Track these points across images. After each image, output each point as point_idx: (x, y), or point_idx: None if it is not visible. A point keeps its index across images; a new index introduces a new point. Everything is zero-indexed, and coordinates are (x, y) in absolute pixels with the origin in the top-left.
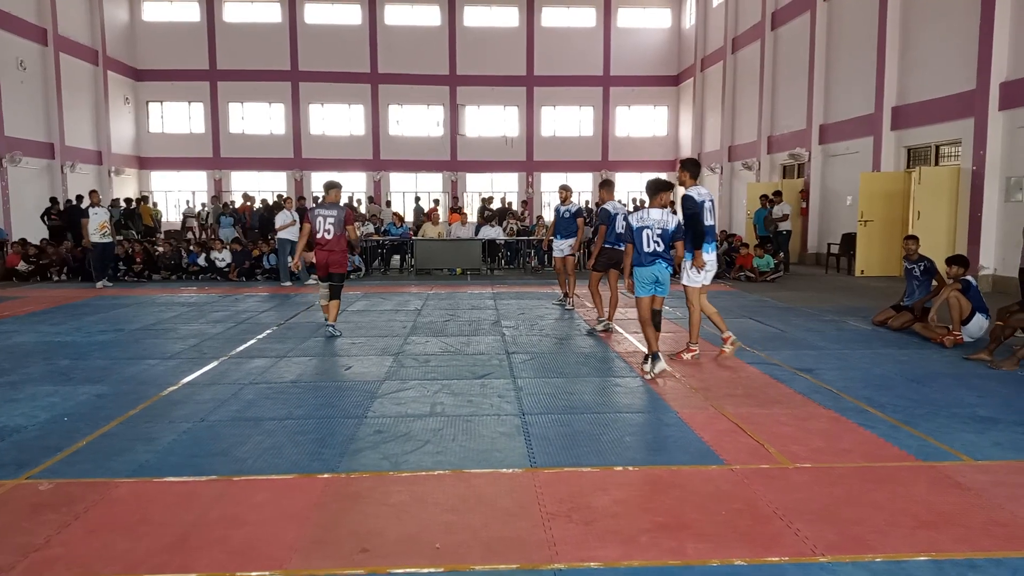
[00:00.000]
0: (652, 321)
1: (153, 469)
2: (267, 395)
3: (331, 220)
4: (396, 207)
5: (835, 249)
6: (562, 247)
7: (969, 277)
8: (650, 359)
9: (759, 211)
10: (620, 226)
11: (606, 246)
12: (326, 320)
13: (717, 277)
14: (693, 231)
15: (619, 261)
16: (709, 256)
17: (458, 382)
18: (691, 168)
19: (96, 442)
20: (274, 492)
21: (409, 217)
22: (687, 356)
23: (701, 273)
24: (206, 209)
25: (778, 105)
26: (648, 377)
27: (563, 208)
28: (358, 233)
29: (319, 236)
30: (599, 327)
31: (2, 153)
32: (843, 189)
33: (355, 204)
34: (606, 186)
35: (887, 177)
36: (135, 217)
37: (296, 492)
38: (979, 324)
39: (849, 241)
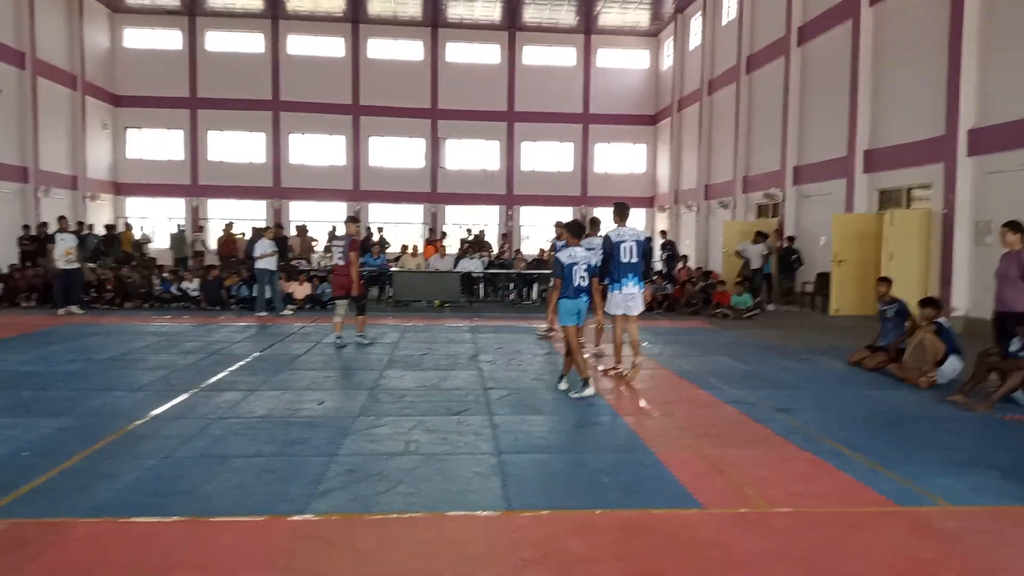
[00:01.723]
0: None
1: (114, 508)
2: (236, 431)
3: (340, 249)
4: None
5: (810, 288)
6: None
7: (942, 319)
8: (582, 384)
9: (751, 246)
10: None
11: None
12: (338, 338)
13: (694, 314)
14: (604, 266)
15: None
16: (629, 290)
17: (434, 418)
18: (619, 212)
19: (55, 479)
20: (239, 534)
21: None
22: (612, 373)
23: (618, 305)
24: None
25: (753, 146)
26: (573, 395)
27: (560, 244)
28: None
29: (335, 263)
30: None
31: None
32: (817, 229)
33: (382, 235)
34: (593, 224)
35: (860, 219)
36: (114, 244)
37: (262, 535)
38: (953, 366)
39: (824, 280)
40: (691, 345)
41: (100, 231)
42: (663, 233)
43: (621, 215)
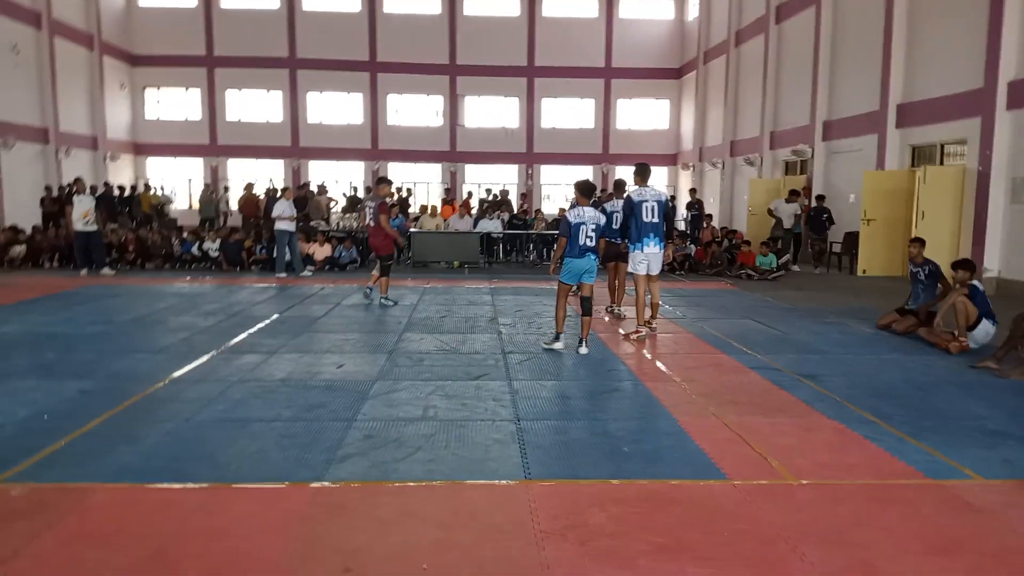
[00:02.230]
0: (583, 306)
1: (134, 473)
2: (256, 394)
3: (371, 210)
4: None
5: (837, 248)
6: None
7: (976, 282)
8: (555, 337)
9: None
10: (618, 223)
11: (607, 240)
12: (369, 289)
13: (717, 275)
14: (625, 226)
15: (619, 254)
16: (651, 250)
17: (452, 383)
18: (640, 173)
19: (76, 442)
20: (258, 502)
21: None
22: (634, 337)
23: (639, 264)
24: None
25: (781, 100)
26: (544, 345)
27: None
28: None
29: (367, 223)
30: (611, 312)
31: None
32: (846, 187)
33: (403, 195)
34: (618, 186)
35: (891, 176)
36: (133, 204)
37: (281, 502)
38: (986, 330)
39: (852, 240)
40: (715, 308)
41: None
42: (692, 192)
43: (642, 175)
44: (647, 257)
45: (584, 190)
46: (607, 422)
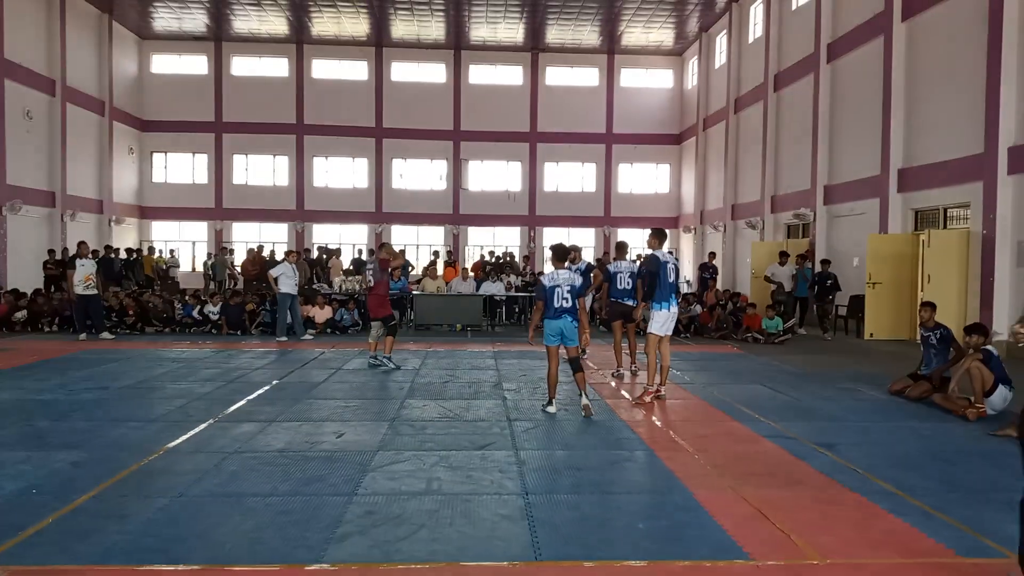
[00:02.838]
0: (572, 365)
1: (123, 554)
2: (252, 466)
3: (370, 270)
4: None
5: (843, 311)
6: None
7: (990, 347)
8: (548, 402)
9: (800, 270)
10: (624, 283)
11: (612, 300)
12: (372, 355)
13: (723, 338)
14: (652, 286)
15: (624, 312)
16: (673, 310)
17: (457, 453)
18: (659, 236)
19: (64, 519)
20: None
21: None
22: (647, 399)
23: (664, 324)
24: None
25: (782, 165)
26: (541, 409)
27: (573, 267)
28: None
29: (367, 284)
30: (619, 376)
31: (2, 201)
32: (849, 250)
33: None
34: (620, 248)
35: (895, 239)
36: (136, 267)
37: None
38: (1003, 396)
39: (858, 303)
40: (723, 372)
41: (124, 255)
42: (712, 255)
43: (659, 239)
44: (670, 317)
45: (559, 254)
46: (620, 496)
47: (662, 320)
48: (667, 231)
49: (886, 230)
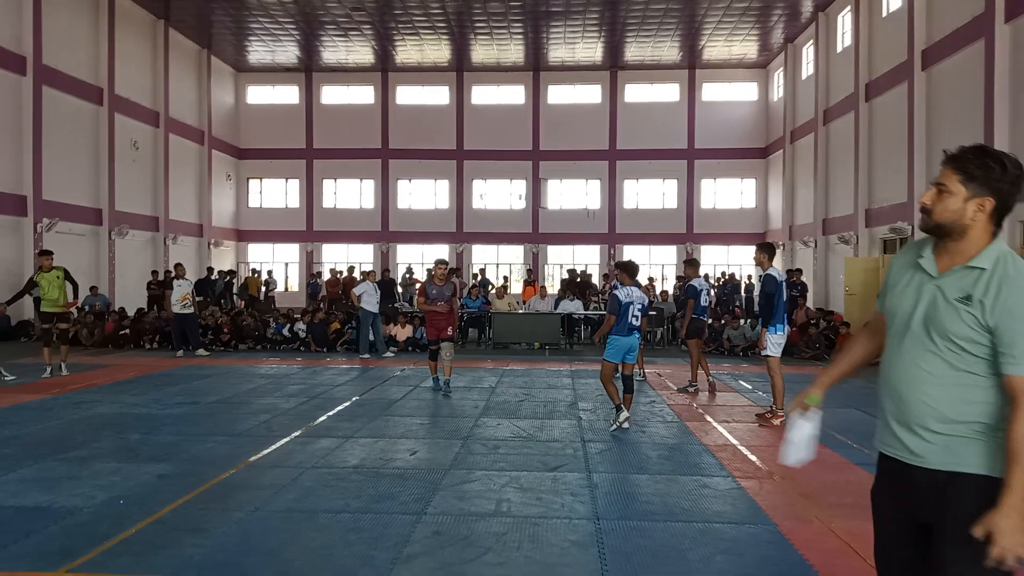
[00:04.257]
0: (624, 384)
1: (195, 568)
2: (327, 482)
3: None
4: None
5: None
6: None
7: None
8: (616, 410)
9: None
10: (704, 300)
11: (694, 316)
12: (438, 380)
13: (814, 359)
14: (771, 308)
15: (701, 329)
16: (786, 331)
17: (528, 474)
18: (768, 251)
19: (145, 530)
20: None
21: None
22: (776, 422)
23: (781, 346)
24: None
25: (876, 177)
26: (612, 428)
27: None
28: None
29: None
30: (690, 388)
31: (112, 226)
32: None
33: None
34: (691, 264)
35: None
36: (240, 288)
37: None
38: None
39: None
40: None
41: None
42: (798, 271)
43: (769, 255)
44: (785, 338)
45: (630, 271)
46: (697, 525)
47: (776, 343)
48: (775, 247)
49: None
